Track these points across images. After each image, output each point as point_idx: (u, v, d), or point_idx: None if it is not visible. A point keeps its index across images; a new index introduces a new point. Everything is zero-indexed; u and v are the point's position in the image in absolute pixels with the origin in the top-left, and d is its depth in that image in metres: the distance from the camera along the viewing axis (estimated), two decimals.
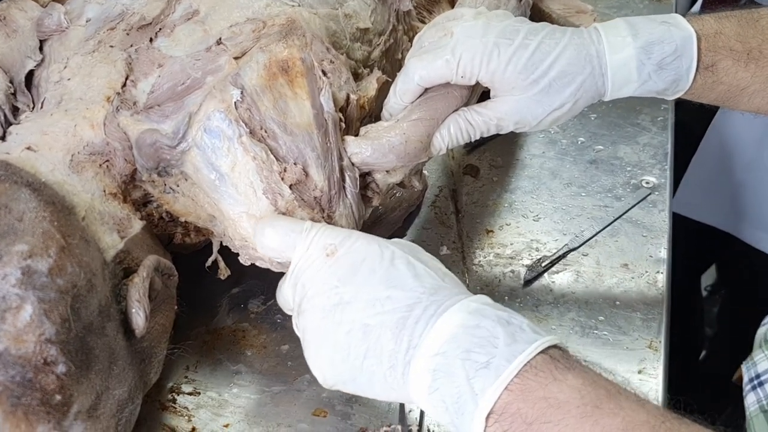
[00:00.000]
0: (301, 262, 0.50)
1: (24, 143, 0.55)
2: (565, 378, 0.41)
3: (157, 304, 0.54)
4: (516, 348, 0.42)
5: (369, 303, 0.47)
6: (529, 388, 0.41)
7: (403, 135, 0.59)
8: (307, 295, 0.49)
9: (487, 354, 0.42)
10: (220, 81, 0.56)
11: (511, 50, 0.56)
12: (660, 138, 0.85)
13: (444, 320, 0.45)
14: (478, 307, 0.45)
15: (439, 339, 0.44)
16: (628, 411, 0.40)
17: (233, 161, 0.55)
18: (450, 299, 0.46)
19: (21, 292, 0.43)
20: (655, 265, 0.72)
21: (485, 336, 0.43)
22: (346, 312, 0.47)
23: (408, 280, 0.47)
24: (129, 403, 0.51)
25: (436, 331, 0.44)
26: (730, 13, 0.59)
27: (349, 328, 0.47)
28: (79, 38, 0.64)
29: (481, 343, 0.43)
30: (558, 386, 0.41)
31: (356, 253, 0.49)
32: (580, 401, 0.40)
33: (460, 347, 0.43)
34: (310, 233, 0.51)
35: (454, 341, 0.43)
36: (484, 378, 0.42)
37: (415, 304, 0.46)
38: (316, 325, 0.48)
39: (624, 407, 0.40)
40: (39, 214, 0.46)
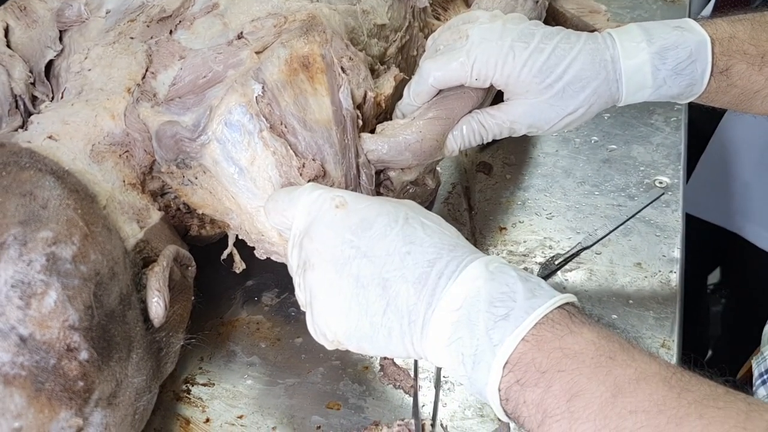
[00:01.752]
0: (308, 214, 0.49)
1: (45, 132, 0.56)
2: (581, 331, 0.42)
3: (176, 293, 0.54)
4: (535, 302, 0.43)
5: (388, 257, 0.46)
6: (544, 338, 0.42)
7: (420, 133, 0.59)
8: (317, 249, 0.48)
9: (506, 307, 0.43)
10: (242, 75, 0.56)
11: (527, 54, 0.57)
12: (673, 138, 0.86)
13: (465, 275, 0.45)
14: (498, 265, 0.46)
15: (461, 293, 0.44)
16: (641, 363, 0.40)
17: (253, 155, 0.55)
18: (469, 256, 0.46)
19: (45, 278, 0.43)
20: (668, 265, 0.72)
21: (505, 291, 0.43)
22: (363, 266, 0.46)
23: (425, 238, 0.47)
24: (146, 392, 0.52)
25: (458, 286, 0.44)
26: (743, 17, 0.59)
27: (367, 282, 0.46)
28: (99, 29, 0.64)
29: (502, 298, 0.43)
30: (573, 338, 0.42)
31: (369, 209, 0.48)
32: (594, 352, 0.41)
33: (482, 300, 0.43)
34: (315, 189, 0.50)
35: (475, 295, 0.44)
36: (502, 329, 0.42)
37: (436, 259, 0.45)
38: (328, 280, 0.47)
39: (637, 359, 0.41)
40: (63, 202, 0.46)
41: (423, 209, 0.51)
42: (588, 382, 0.40)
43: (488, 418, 0.60)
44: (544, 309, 0.43)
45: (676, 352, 0.65)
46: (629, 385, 0.39)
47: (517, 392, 0.42)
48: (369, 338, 0.47)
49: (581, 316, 0.43)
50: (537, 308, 0.43)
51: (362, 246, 0.47)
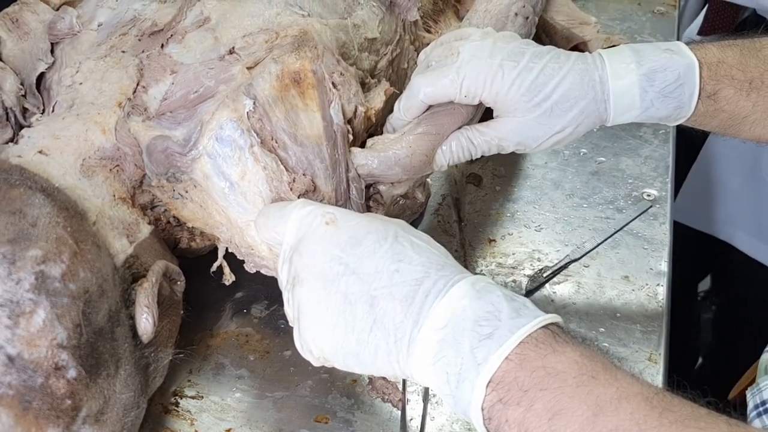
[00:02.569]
0: (299, 230, 0.49)
1: (36, 147, 0.56)
2: (564, 350, 0.42)
3: (164, 309, 0.55)
4: (519, 321, 0.43)
5: (376, 275, 0.46)
6: (528, 357, 0.42)
7: (409, 148, 0.60)
8: (306, 264, 0.48)
9: (491, 326, 0.43)
10: (233, 90, 0.56)
11: (515, 72, 0.57)
12: (661, 151, 0.86)
13: (452, 294, 0.45)
14: (484, 285, 0.46)
15: (447, 312, 0.45)
16: (623, 382, 0.41)
17: (243, 170, 0.56)
18: (456, 275, 0.46)
19: (34, 297, 0.43)
20: (656, 278, 0.73)
21: (491, 310, 0.44)
22: (351, 282, 0.46)
23: (414, 256, 0.47)
24: (134, 408, 0.52)
25: (444, 305, 0.45)
26: (732, 42, 0.60)
27: (355, 299, 0.46)
28: (91, 42, 0.64)
29: (487, 317, 0.44)
30: (556, 357, 0.42)
31: (359, 226, 0.48)
32: (577, 371, 0.41)
33: (467, 319, 0.44)
34: (306, 205, 0.51)
35: (461, 314, 0.44)
36: (487, 348, 0.43)
37: (424, 278, 0.46)
38: (316, 295, 0.47)
39: (619, 379, 0.41)
40: (53, 220, 0.47)
41: (413, 228, 0.51)
42: (570, 401, 0.40)
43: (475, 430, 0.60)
44: (529, 328, 0.43)
45: (662, 365, 0.65)
46: (611, 404, 0.40)
47: (500, 411, 0.42)
48: (355, 355, 0.47)
49: (565, 335, 0.44)
50: (521, 327, 0.43)
51: (351, 263, 0.47)
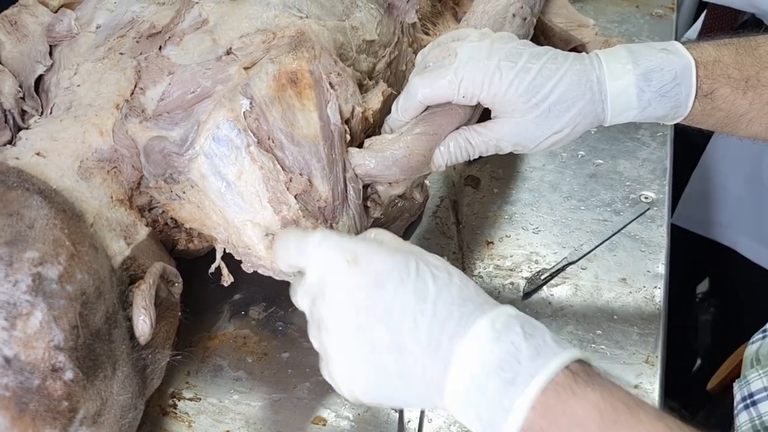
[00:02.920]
0: (320, 269, 0.49)
1: (34, 149, 0.56)
2: (585, 393, 0.42)
3: (162, 310, 0.55)
4: (539, 362, 0.43)
5: (402, 320, 0.46)
6: (550, 405, 0.42)
7: (407, 148, 0.60)
8: (330, 311, 0.48)
9: (512, 371, 0.43)
10: (230, 90, 0.56)
11: (513, 73, 0.57)
12: (659, 153, 0.86)
13: (474, 335, 0.45)
14: (505, 320, 0.45)
15: (472, 356, 0.45)
16: (647, 425, 0.41)
17: (240, 170, 0.56)
18: (477, 310, 0.46)
19: (31, 299, 0.43)
20: (653, 281, 0.73)
21: (511, 351, 0.44)
22: (378, 332, 0.46)
23: (436, 293, 0.47)
24: (132, 409, 0.52)
25: (468, 347, 0.45)
26: (728, 41, 0.60)
27: (383, 347, 0.46)
28: (89, 44, 0.65)
29: (508, 360, 0.44)
30: (577, 402, 0.42)
31: (380, 263, 0.48)
32: (598, 417, 0.41)
33: (491, 363, 0.44)
34: (324, 239, 0.49)
35: (485, 357, 0.44)
36: (511, 395, 0.43)
37: (447, 318, 0.46)
38: (344, 344, 0.48)
39: (643, 420, 0.41)
40: (50, 222, 0.47)
41: (429, 255, 0.50)
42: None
43: None
44: (548, 374, 0.43)
45: (660, 367, 0.66)
46: None
47: None
48: (388, 398, 0.48)
49: (584, 375, 0.43)
50: (540, 371, 0.43)
51: (376, 309, 0.47)
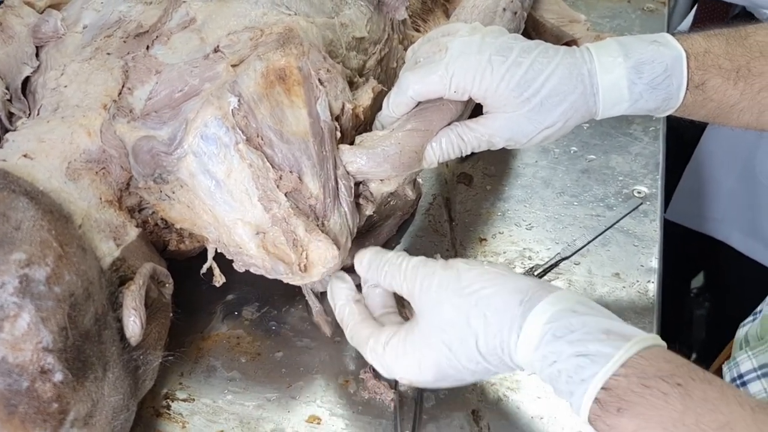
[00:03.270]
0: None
1: (21, 150, 0.56)
2: (621, 425, 0.43)
3: (153, 311, 0.54)
4: (575, 402, 0.46)
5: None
6: (602, 414, 0.44)
7: (398, 145, 0.60)
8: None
9: (565, 392, 0.46)
10: (218, 88, 0.56)
11: (505, 68, 0.57)
12: (652, 148, 0.86)
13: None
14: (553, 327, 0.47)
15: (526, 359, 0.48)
16: None
17: (229, 168, 0.55)
18: (516, 322, 0.49)
19: (18, 301, 0.43)
20: (646, 275, 0.73)
21: (559, 362, 0.46)
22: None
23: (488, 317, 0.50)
24: (124, 411, 0.52)
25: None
26: (718, 32, 0.60)
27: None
28: (76, 45, 0.64)
29: (552, 377, 0.47)
30: (618, 428, 0.44)
31: (426, 380, 0.52)
32: None
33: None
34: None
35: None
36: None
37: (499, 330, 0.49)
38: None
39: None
40: (37, 223, 0.46)
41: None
42: None
43: (468, 431, 0.60)
44: (586, 408, 0.45)
45: None
46: None
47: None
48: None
49: (615, 402, 0.44)
50: (580, 406, 0.45)
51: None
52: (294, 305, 0.70)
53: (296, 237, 0.55)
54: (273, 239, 0.56)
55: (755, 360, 0.72)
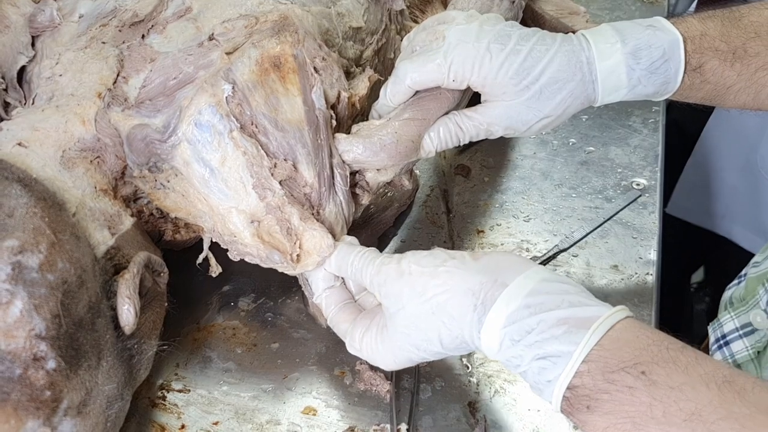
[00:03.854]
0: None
1: (15, 139, 0.55)
2: (592, 421, 0.43)
3: (147, 300, 0.54)
4: (546, 395, 0.45)
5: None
6: (573, 411, 0.44)
7: (395, 134, 0.59)
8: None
9: (536, 390, 0.46)
10: (212, 75, 0.56)
11: (503, 55, 0.57)
12: (651, 140, 0.86)
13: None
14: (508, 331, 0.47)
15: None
16: None
17: (223, 156, 0.55)
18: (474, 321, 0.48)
19: (11, 288, 0.43)
20: (645, 267, 0.72)
21: (522, 365, 0.46)
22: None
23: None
24: (118, 400, 0.51)
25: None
26: (712, 14, 0.60)
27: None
28: (72, 34, 0.64)
29: (522, 375, 0.47)
30: (590, 429, 0.43)
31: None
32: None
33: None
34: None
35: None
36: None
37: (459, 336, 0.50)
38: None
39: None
40: (30, 210, 0.46)
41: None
42: None
43: (464, 422, 0.60)
44: (557, 402, 0.44)
45: None
46: None
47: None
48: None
49: (584, 399, 0.43)
50: (551, 396, 0.44)
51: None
52: (290, 296, 0.70)
53: (290, 225, 0.55)
54: (268, 228, 0.56)
55: (737, 320, 0.73)
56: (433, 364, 0.64)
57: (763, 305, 0.71)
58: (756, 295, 0.72)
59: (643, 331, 0.44)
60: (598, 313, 0.44)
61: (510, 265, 0.48)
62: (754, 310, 0.72)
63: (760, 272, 0.73)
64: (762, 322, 0.71)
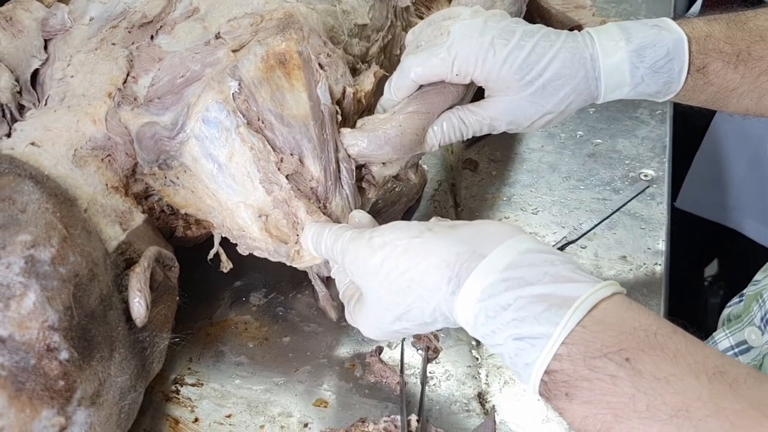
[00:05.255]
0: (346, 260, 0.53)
1: (28, 139, 0.57)
2: (571, 409, 0.41)
3: (159, 294, 0.55)
4: (523, 378, 0.43)
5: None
6: (551, 397, 0.42)
7: (399, 127, 0.60)
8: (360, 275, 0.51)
9: (515, 373, 0.44)
10: (219, 73, 0.57)
11: (507, 51, 0.57)
12: (658, 131, 0.86)
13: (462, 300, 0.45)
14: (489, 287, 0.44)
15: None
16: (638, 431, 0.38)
17: (231, 151, 0.56)
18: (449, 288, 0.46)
19: (24, 280, 0.44)
20: (653, 257, 0.72)
21: (498, 344, 0.44)
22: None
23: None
24: (131, 391, 0.52)
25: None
26: (718, 16, 0.60)
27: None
28: (82, 36, 0.65)
29: (500, 355, 0.44)
30: (569, 416, 0.41)
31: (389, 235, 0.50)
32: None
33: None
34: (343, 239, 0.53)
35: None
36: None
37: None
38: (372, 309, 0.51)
39: (633, 428, 0.38)
40: (42, 206, 0.47)
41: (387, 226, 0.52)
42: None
43: (474, 413, 0.60)
44: (534, 383, 0.42)
45: None
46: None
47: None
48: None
49: (562, 385, 0.41)
50: (528, 379, 0.42)
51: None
52: (301, 291, 0.71)
53: (297, 219, 0.55)
54: (275, 221, 0.56)
55: (732, 338, 0.72)
56: (442, 356, 0.65)
57: (758, 322, 0.70)
58: (750, 312, 0.71)
59: (630, 312, 0.41)
60: (581, 291, 0.41)
61: (491, 235, 0.45)
62: (748, 327, 0.71)
63: (757, 290, 0.72)
64: (756, 340, 0.70)
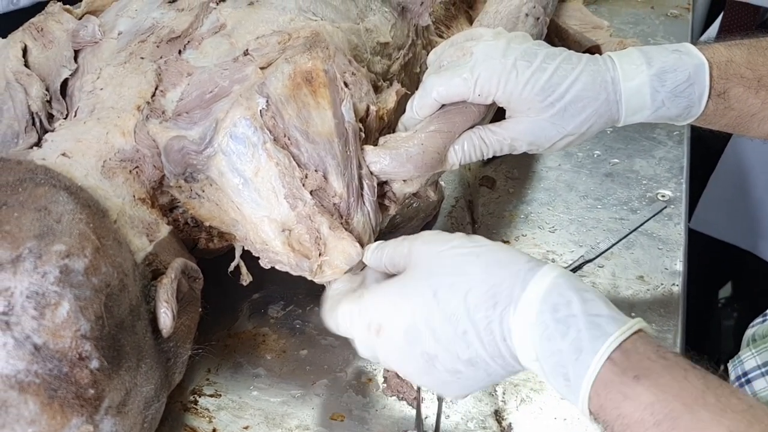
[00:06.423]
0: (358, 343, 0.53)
1: (59, 150, 0.58)
2: (636, 394, 0.41)
3: (183, 305, 0.56)
4: (582, 363, 0.43)
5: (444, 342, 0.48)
6: (604, 406, 0.42)
7: (421, 146, 0.61)
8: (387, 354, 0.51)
9: (562, 374, 0.44)
10: (247, 89, 0.58)
11: (529, 72, 0.58)
12: (676, 152, 0.86)
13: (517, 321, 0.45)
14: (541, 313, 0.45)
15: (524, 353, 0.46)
16: (708, 422, 0.39)
17: (257, 167, 0.57)
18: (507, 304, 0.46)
19: (59, 290, 0.45)
20: (671, 278, 0.73)
21: (556, 350, 0.44)
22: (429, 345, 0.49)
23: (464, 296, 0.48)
24: (155, 401, 0.53)
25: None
26: (739, 42, 0.60)
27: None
28: (112, 50, 0.67)
29: (555, 359, 0.44)
30: (630, 405, 0.41)
31: (398, 327, 0.50)
32: (652, 421, 0.40)
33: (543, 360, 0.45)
34: (346, 316, 0.53)
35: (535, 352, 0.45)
36: (573, 395, 0.44)
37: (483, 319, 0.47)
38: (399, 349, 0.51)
39: (703, 419, 0.39)
40: (76, 216, 0.48)
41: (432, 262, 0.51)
42: None
43: (490, 430, 0.61)
44: (590, 377, 0.42)
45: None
46: None
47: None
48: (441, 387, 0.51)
49: (631, 370, 0.42)
50: (585, 374, 0.43)
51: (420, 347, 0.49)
52: (318, 304, 0.71)
53: (319, 234, 0.56)
54: (298, 236, 0.57)
55: (759, 358, 0.72)
56: None
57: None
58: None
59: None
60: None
61: None
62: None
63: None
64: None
